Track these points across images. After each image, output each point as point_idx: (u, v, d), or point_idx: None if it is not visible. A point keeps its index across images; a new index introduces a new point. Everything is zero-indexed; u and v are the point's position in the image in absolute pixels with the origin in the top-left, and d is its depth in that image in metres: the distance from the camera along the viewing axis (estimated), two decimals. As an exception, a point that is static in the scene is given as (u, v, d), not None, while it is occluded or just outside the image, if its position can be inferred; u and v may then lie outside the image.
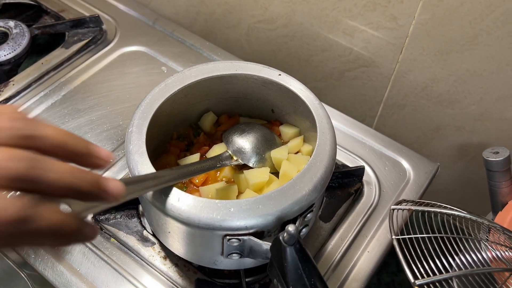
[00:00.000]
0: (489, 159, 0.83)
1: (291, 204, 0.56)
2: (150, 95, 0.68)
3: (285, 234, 0.51)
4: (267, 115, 0.79)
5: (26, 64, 1.01)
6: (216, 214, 0.55)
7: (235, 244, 0.57)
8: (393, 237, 0.62)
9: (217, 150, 0.72)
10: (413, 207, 0.67)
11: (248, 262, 0.65)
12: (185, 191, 0.60)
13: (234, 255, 0.60)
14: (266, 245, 0.55)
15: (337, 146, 0.66)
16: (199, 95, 0.73)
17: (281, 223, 0.57)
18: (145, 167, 0.59)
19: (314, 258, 0.74)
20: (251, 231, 0.56)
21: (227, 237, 0.57)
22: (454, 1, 0.79)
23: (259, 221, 0.55)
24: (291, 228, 0.50)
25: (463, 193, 1.11)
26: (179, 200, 0.56)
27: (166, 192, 0.57)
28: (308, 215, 0.60)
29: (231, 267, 0.70)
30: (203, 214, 0.55)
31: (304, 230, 0.64)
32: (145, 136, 0.63)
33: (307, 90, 0.69)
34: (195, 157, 0.71)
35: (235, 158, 0.69)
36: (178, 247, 0.66)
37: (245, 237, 0.56)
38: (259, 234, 0.57)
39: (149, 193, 0.58)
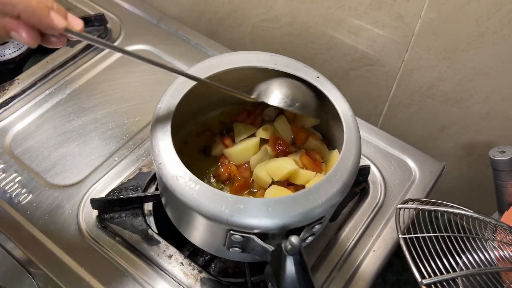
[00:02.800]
0: (496, 158, 0.83)
1: (299, 214, 0.56)
2: (180, 78, 0.67)
3: (287, 243, 0.51)
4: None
5: (31, 63, 1.01)
6: (225, 208, 0.55)
7: (238, 240, 0.58)
8: (400, 236, 0.62)
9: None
10: (419, 206, 0.66)
11: (250, 257, 0.65)
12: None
13: (235, 248, 0.61)
14: (268, 248, 0.55)
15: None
16: (234, 82, 0.71)
17: (287, 230, 0.57)
18: (166, 147, 0.59)
19: (320, 257, 0.75)
20: (255, 231, 0.56)
21: (231, 231, 0.57)
22: (460, 0, 0.79)
23: (264, 224, 0.55)
24: (294, 239, 0.50)
25: (469, 193, 1.11)
26: (195, 186, 0.56)
27: (187, 177, 0.57)
28: (316, 226, 0.59)
29: (232, 258, 0.70)
30: (212, 205, 0.55)
31: (309, 238, 0.63)
32: (172, 115, 0.63)
33: (343, 98, 0.67)
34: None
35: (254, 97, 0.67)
36: (184, 226, 0.67)
37: (249, 235, 0.56)
38: (263, 235, 0.57)
39: (168, 172, 0.58)
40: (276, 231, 0.56)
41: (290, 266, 0.51)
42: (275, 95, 0.66)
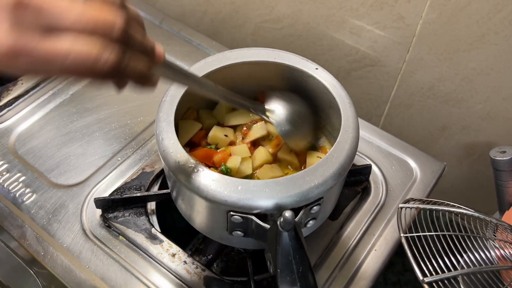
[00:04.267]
0: (496, 158, 0.83)
1: (296, 194, 0.57)
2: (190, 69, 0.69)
3: (281, 219, 0.52)
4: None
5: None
6: (223, 189, 0.57)
7: (239, 221, 0.59)
8: (402, 235, 0.62)
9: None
10: (420, 206, 0.67)
11: (253, 243, 0.66)
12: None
13: (237, 231, 0.62)
14: (266, 227, 0.57)
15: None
16: (237, 77, 0.74)
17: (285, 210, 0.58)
18: (169, 135, 0.62)
19: (321, 256, 0.75)
20: (254, 211, 0.58)
21: (231, 213, 0.58)
22: (462, 0, 0.80)
23: (262, 204, 0.57)
24: (288, 214, 0.52)
25: (470, 192, 1.11)
26: (197, 171, 0.58)
27: (187, 162, 0.59)
28: (315, 207, 0.60)
29: (236, 245, 0.71)
30: (212, 187, 0.57)
31: (311, 222, 0.64)
32: (175, 107, 0.65)
33: (340, 87, 0.69)
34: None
35: (268, 114, 0.69)
36: (190, 214, 0.69)
37: (248, 216, 0.58)
38: (262, 216, 0.58)
39: (172, 155, 0.60)
40: (274, 211, 0.57)
41: (285, 242, 0.53)
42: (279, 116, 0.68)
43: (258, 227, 0.58)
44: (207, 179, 0.58)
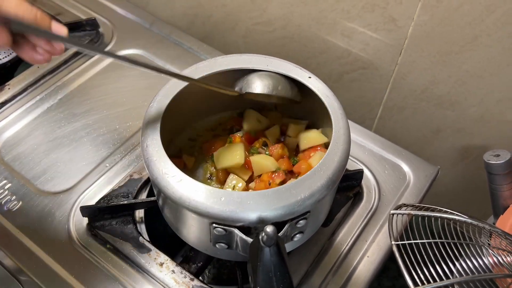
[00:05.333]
0: (490, 162, 0.82)
1: (281, 207, 0.55)
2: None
3: (263, 234, 0.50)
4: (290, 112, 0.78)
5: (22, 68, 1.00)
6: (206, 200, 0.56)
7: (221, 233, 0.57)
8: (393, 242, 0.61)
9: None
10: (412, 212, 0.65)
11: (238, 256, 0.65)
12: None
13: (221, 243, 0.60)
14: (249, 241, 0.55)
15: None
16: (227, 83, 0.72)
17: (269, 224, 0.56)
18: (154, 142, 0.61)
19: (313, 263, 0.74)
20: (237, 224, 0.56)
21: (214, 225, 0.57)
22: (454, 2, 0.78)
23: (244, 216, 0.55)
24: (269, 229, 0.50)
25: (464, 196, 1.10)
26: (180, 181, 0.57)
27: (170, 171, 0.58)
28: (301, 221, 0.58)
29: (221, 257, 0.69)
30: (194, 198, 0.56)
31: (298, 236, 0.62)
32: (162, 114, 0.64)
33: (333, 97, 0.68)
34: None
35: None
36: (175, 224, 0.68)
37: (231, 229, 0.56)
38: (246, 229, 0.56)
39: (156, 163, 0.59)
40: (258, 224, 0.55)
41: (266, 257, 0.51)
42: (257, 85, 0.68)
43: (241, 240, 0.56)
44: (190, 189, 0.57)
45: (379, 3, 0.86)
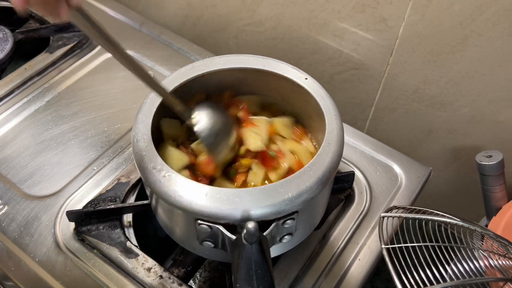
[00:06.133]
0: (482, 163, 0.81)
1: (267, 206, 0.55)
2: (175, 73, 0.69)
3: (245, 231, 0.49)
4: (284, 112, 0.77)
5: (10, 70, 0.99)
6: (190, 196, 0.55)
7: (206, 230, 0.57)
8: (383, 246, 0.60)
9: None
10: (403, 215, 0.64)
11: (225, 256, 0.64)
12: None
13: (208, 242, 0.59)
14: (233, 238, 0.54)
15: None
16: (224, 82, 0.72)
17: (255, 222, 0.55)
18: (145, 137, 0.61)
19: (304, 266, 0.73)
20: (221, 221, 0.55)
21: (198, 221, 0.56)
22: (445, 2, 0.78)
23: (229, 213, 0.54)
24: (250, 225, 0.49)
25: (457, 197, 1.10)
26: (166, 176, 0.57)
27: (159, 166, 0.58)
28: (288, 221, 0.57)
29: (209, 257, 0.69)
30: (179, 193, 0.55)
31: (287, 237, 0.61)
32: (155, 110, 0.64)
33: (328, 98, 0.67)
34: None
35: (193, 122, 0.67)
36: (164, 221, 0.67)
37: (215, 226, 0.55)
38: (231, 227, 0.55)
39: (145, 157, 0.59)
40: (243, 222, 0.54)
41: (247, 255, 0.50)
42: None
43: (226, 238, 0.55)
44: (176, 184, 0.56)
45: (370, 3, 0.85)
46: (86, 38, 1.05)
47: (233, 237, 0.54)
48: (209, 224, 0.56)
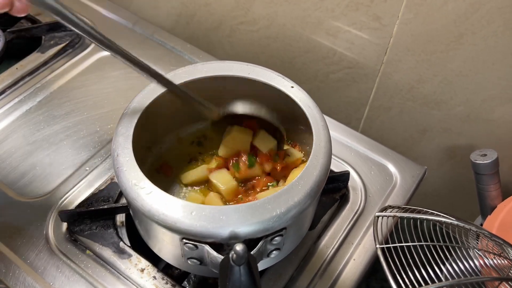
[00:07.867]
0: (477, 161, 0.81)
1: (255, 223, 0.53)
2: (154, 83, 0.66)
3: (233, 253, 0.48)
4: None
5: (1, 70, 0.98)
6: (176, 214, 0.53)
7: (192, 249, 0.55)
8: (377, 246, 0.60)
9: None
10: (398, 214, 0.64)
11: (212, 273, 0.62)
12: None
13: (193, 260, 0.58)
14: (220, 258, 0.52)
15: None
16: (206, 90, 0.69)
17: (242, 241, 0.53)
18: (126, 151, 0.58)
19: (298, 267, 0.72)
20: (208, 240, 0.53)
21: (184, 240, 0.54)
22: (438, 0, 0.77)
23: (215, 232, 0.52)
24: (238, 247, 0.47)
25: (452, 196, 1.10)
26: (150, 193, 0.55)
27: (140, 182, 0.55)
28: (276, 238, 0.55)
29: (195, 272, 0.67)
30: (163, 211, 0.53)
31: (275, 252, 0.59)
32: (136, 121, 0.62)
33: (315, 108, 0.65)
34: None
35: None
36: (147, 237, 0.65)
37: (201, 245, 0.54)
38: (218, 245, 0.54)
39: (126, 173, 0.57)
40: (230, 241, 0.53)
41: (235, 277, 0.48)
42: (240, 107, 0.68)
43: (213, 258, 0.53)
44: (160, 202, 0.54)
45: (363, 2, 0.85)
46: (78, 37, 1.04)
47: (220, 257, 0.52)
48: (195, 243, 0.54)
